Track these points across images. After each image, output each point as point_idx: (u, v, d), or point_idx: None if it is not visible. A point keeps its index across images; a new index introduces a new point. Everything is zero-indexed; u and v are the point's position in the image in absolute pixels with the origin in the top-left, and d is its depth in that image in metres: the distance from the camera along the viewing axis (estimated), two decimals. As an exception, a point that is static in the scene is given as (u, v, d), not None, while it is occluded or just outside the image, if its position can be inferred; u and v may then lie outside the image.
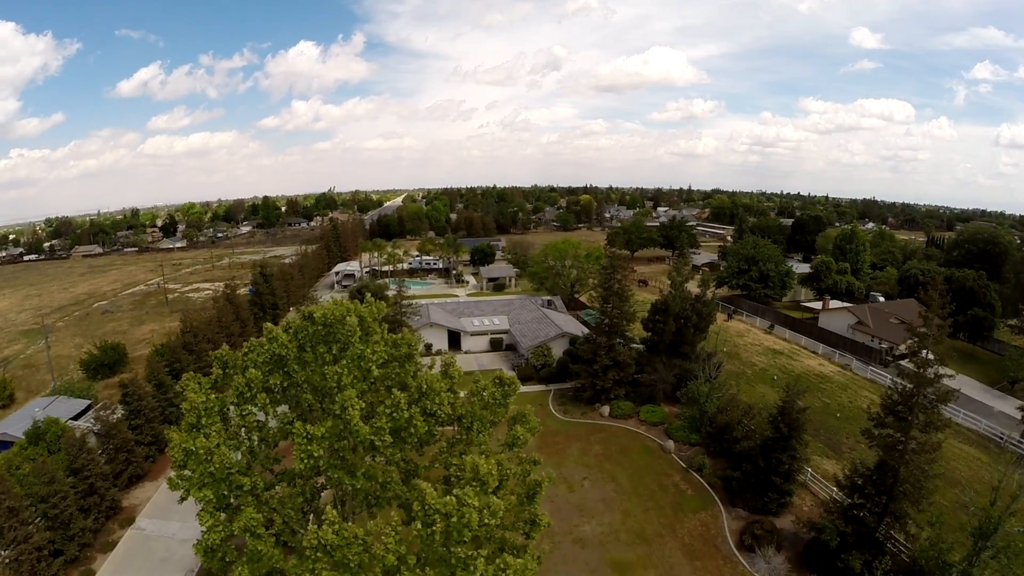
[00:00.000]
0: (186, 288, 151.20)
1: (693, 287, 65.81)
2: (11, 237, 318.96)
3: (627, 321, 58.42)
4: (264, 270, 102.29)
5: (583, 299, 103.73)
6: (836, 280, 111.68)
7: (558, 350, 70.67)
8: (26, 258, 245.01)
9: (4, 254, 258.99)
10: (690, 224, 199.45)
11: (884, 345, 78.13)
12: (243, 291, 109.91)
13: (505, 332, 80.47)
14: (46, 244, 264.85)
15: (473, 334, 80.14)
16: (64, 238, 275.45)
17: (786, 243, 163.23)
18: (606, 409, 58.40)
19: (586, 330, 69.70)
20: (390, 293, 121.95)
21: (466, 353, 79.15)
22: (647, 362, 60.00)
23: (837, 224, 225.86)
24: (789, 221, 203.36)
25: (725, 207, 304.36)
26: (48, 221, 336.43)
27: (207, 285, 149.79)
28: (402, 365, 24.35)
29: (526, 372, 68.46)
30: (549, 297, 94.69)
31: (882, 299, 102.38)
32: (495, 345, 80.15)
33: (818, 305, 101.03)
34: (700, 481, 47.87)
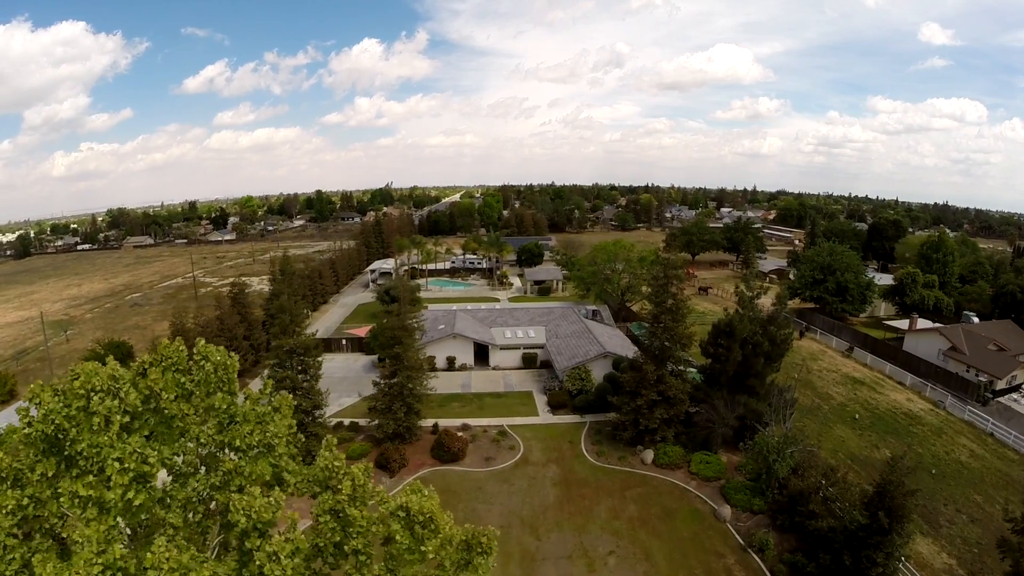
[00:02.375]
0: (222, 282, 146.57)
1: (764, 301, 53.76)
2: (72, 226, 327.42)
3: (682, 346, 46.99)
4: (285, 266, 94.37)
5: (635, 308, 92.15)
6: (923, 295, 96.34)
7: (598, 372, 59.70)
8: (79, 247, 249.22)
9: (61, 243, 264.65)
10: (756, 226, 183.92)
11: (982, 378, 64.14)
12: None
13: (540, 347, 69.87)
14: (100, 234, 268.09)
15: (503, 348, 69.81)
16: (119, 229, 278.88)
17: (861, 250, 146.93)
18: (649, 454, 47.20)
19: (634, 349, 58.53)
20: (423, 295, 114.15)
21: (494, 369, 69.08)
22: (704, 396, 48.40)
23: (911, 230, 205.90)
24: (861, 225, 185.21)
25: (792, 208, 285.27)
26: (109, 212, 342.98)
27: (243, 280, 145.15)
28: (255, 461, 13.97)
29: (559, 397, 57.98)
30: (595, 307, 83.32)
31: (976, 319, 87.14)
32: (528, 361, 69.62)
33: (903, 324, 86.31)
34: (761, 567, 36.10)
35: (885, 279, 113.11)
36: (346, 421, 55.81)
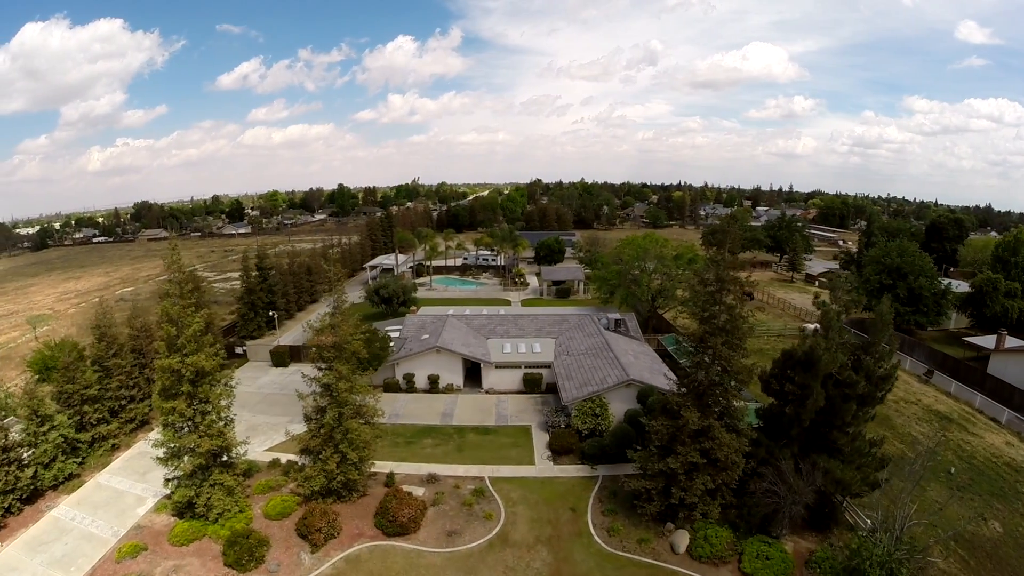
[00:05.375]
0: (218, 277, 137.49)
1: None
2: (99, 219, 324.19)
3: (740, 382, 32.48)
4: (261, 262, 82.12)
5: (668, 317, 77.49)
6: (1006, 305, 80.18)
7: (619, 406, 45.33)
8: (95, 240, 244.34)
9: (80, 235, 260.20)
10: (800, 224, 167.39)
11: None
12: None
13: (547, 366, 55.71)
14: (118, 228, 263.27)
15: (499, 366, 55.70)
16: (138, 222, 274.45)
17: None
18: (683, 539, 32.52)
19: (666, 373, 44.08)
20: (427, 295, 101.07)
21: (487, 393, 55.06)
22: (766, 455, 33.43)
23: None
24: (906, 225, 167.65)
25: (835, 207, 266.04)
26: (135, 205, 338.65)
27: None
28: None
29: (564, 439, 43.32)
30: (619, 314, 68.53)
31: (1065, 337, 71.02)
32: (530, 384, 55.22)
33: (985, 341, 69.96)
34: None
35: (960, 286, 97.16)
36: (283, 458, 42.61)
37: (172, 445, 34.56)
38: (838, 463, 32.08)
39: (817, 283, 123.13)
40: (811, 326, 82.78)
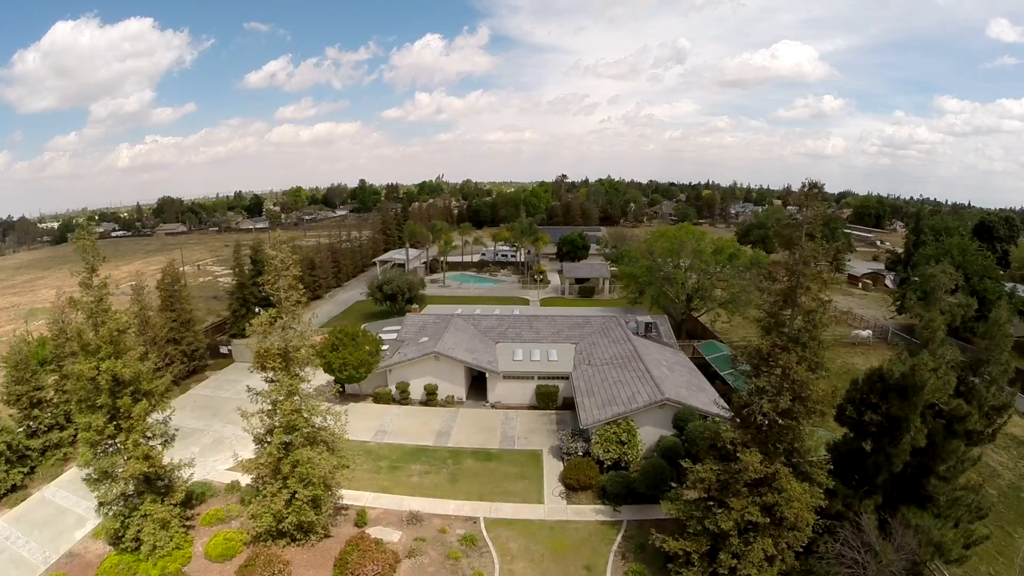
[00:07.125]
0: (225, 271, 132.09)
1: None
2: (123, 215, 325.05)
3: (816, 413, 23.91)
4: (255, 255, 75.77)
5: (705, 320, 69.18)
6: (1075, 314, 71.17)
7: (651, 432, 37.47)
8: (114, 234, 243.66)
9: (100, 230, 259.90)
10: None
11: None
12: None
13: (564, 377, 47.84)
14: (137, 222, 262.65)
15: (508, 377, 47.94)
16: (159, 217, 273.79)
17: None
18: (737, 619, 24.32)
19: (707, 390, 36.08)
20: (440, 292, 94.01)
21: (493, 407, 47.49)
22: (844, 506, 25.00)
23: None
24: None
25: (871, 207, 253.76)
26: (158, 200, 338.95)
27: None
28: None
29: (581, 472, 35.33)
30: (649, 317, 60.31)
31: None
32: (544, 399, 47.32)
33: None
34: None
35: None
36: (244, 480, 35.55)
37: (93, 467, 28.10)
38: (933, 518, 23.82)
39: (861, 285, 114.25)
40: (863, 333, 74.84)
